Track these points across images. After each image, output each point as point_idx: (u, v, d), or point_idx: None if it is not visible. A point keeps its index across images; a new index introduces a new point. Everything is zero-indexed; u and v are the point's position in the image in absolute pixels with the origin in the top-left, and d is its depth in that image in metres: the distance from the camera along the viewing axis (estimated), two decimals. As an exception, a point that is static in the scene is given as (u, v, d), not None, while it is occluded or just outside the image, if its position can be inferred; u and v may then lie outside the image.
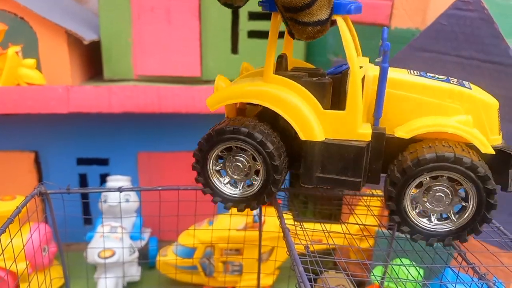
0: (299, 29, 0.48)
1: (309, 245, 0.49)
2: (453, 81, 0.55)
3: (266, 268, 0.94)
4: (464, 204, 0.49)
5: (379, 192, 0.71)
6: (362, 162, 0.52)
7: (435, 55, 0.86)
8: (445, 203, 0.50)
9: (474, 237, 0.51)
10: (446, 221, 0.51)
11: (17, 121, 1.05)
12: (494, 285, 0.48)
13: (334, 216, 0.90)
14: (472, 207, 0.49)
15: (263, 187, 0.54)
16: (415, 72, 0.57)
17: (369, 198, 0.69)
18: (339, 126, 0.52)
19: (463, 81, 0.56)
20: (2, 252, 0.49)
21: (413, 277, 0.66)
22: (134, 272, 0.99)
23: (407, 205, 0.50)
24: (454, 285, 0.54)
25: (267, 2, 0.52)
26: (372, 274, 0.83)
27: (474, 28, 0.80)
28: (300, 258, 0.44)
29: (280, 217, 0.54)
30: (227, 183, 0.56)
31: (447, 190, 0.49)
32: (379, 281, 0.77)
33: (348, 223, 0.60)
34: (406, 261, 0.75)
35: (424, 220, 0.51)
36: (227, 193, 0.56)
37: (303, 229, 0.53)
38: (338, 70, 0.57)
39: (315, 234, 0.60)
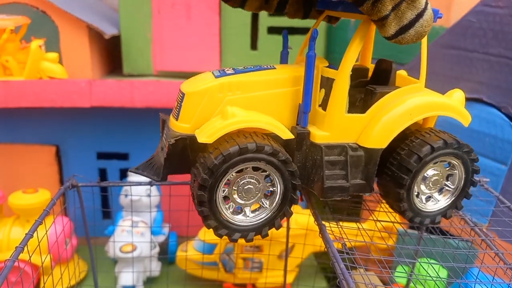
0: None
1: (345, 242, 0.49)
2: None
3: (287, 265, 0.94)
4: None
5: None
6: None
7: (462, 52, 0.85)
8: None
9: (499, 236, 0.50)
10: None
11: (39, 115, 1.06)
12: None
13: (354, 213, 0.89)
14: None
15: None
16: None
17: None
18: None
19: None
20: (38, 245, 0.49)
21: (448, 272, 0.65)
22: (154, 267, 0.99)
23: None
24: (489, 285, 0.53)
25: None
26: (395, 273, 0.82)
27: (504, 25, 0.79)
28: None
29: (315, 214, 0.53)
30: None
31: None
32: (409, 278, 0.76)
33: (379, 220, 0.59)
34: (432, 261, 0.74)
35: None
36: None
37: (339, 226, 0.53)
38: None
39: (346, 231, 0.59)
